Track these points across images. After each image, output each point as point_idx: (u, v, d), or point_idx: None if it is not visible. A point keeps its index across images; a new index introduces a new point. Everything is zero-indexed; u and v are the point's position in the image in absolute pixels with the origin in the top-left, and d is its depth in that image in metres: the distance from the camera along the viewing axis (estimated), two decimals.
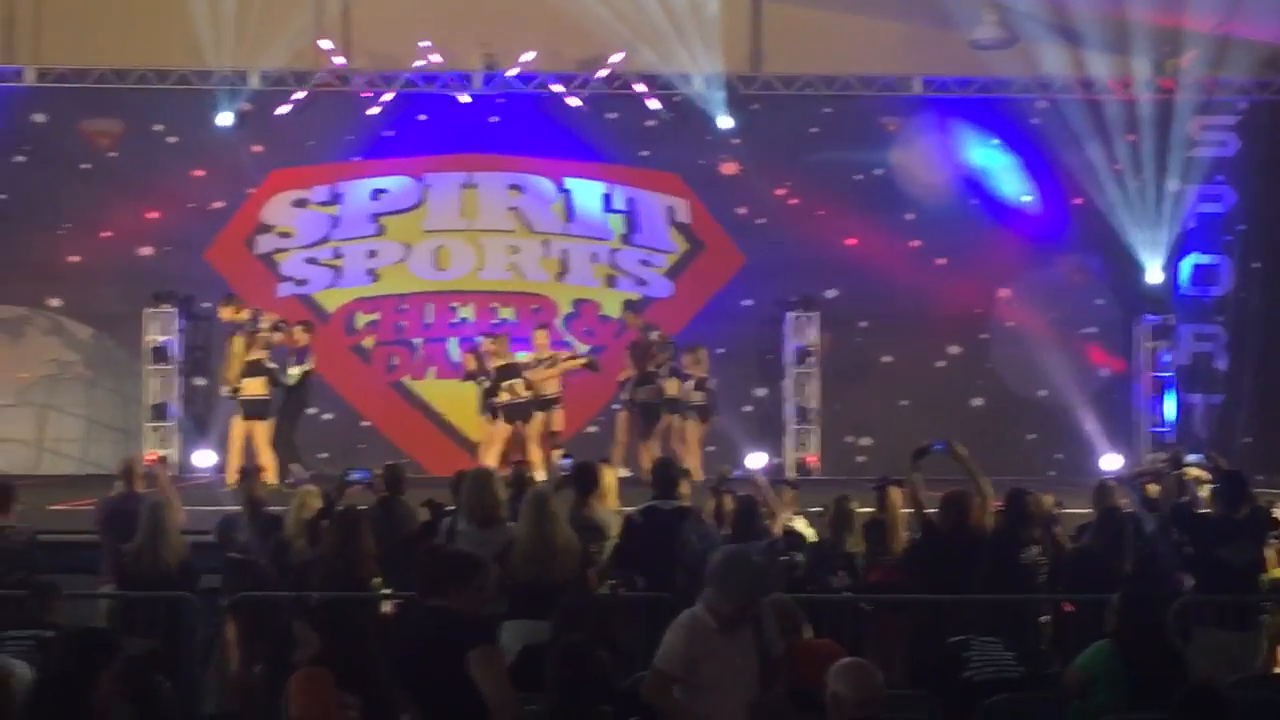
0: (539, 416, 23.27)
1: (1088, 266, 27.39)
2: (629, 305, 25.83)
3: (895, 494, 13.65)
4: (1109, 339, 27.40)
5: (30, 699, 7.10)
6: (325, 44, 26.85)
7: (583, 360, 24.49)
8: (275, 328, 22.69)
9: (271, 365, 22.30)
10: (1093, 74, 26.79)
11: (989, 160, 27.54)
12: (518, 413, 22.92)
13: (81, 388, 27.08)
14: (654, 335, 24.60)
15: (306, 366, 22.64)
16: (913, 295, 26.93)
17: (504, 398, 22.83)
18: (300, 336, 22.86)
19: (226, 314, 23.25)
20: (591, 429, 25.83)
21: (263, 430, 22.20)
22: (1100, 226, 26.95)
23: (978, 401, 27.17)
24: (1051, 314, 27.20)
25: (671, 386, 24.15)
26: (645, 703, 8.60)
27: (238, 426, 22.37)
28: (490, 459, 22.36)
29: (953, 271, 27.18)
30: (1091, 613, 11.71)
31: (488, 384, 23.27)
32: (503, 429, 22.93)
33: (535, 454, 22.52)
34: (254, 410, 22.17)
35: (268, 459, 21.55)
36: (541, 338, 24.06)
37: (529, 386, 23.01)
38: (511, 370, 22.99)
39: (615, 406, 24.87)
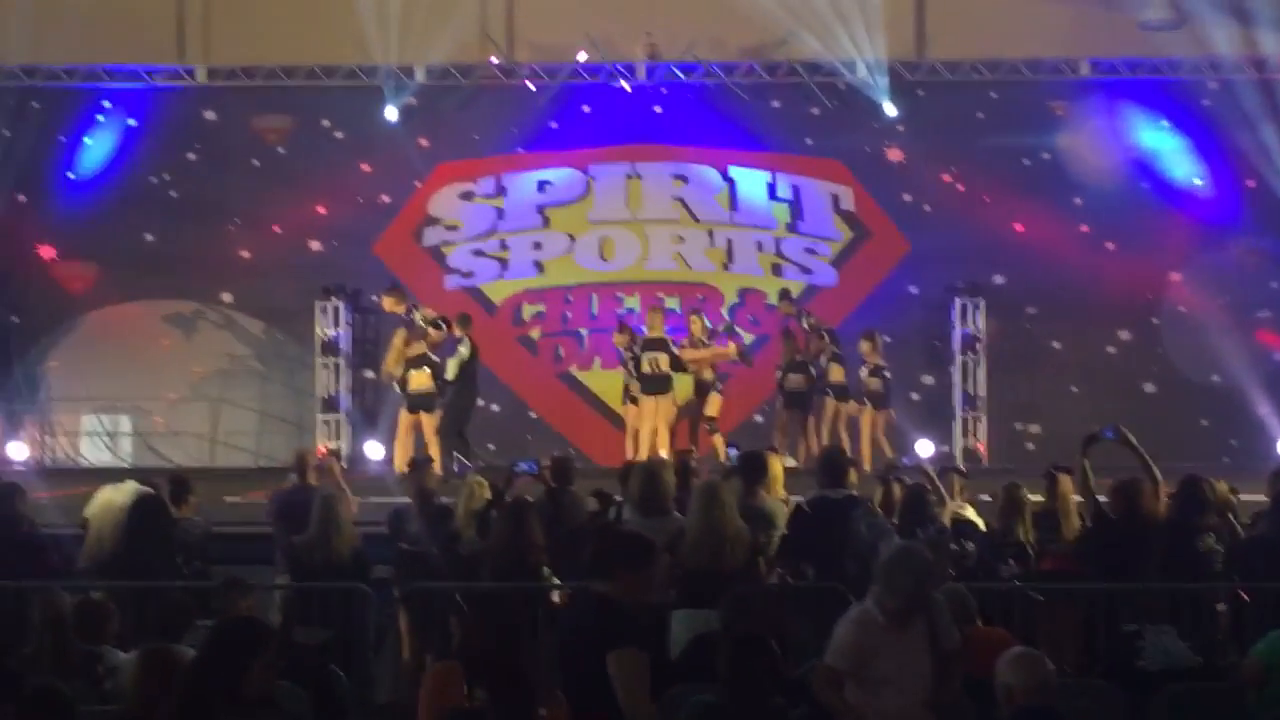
0: (692, 400, 23.25)
1: (1261, 249, 26.94)
2: (783, 294, 25.70)
3: (1066, 482, 13.50)
4: None
5: (185, 684, 7.19)
6: (490, 37, 26.97)
7: (732, 351, 24.31)
8: (434, 324, 22.63)
9: (435, 358, 22.31)
10: (1265, 53, 26.33)
11: (1159, 143, 27.17)
12: (656, 385, 22.67)
13: (254, 381, 27.45)
14: (806, 323, 24.48)
15: (461, 358, 22.56)
16: (1082, 280, 26.64)
17: (645, 368, 22.69)
18: (454, 329, 22.79)
19: (388, 304, 23.35)
20: (757, 418, 25.78)
21: (429, 422, 22.24)
22: (1273, 209, 26.49)
23: (1149, 387, 26.82)
24: (1224, 298, 26.78)
25: (835, 373, 24.06)
26: (815, 699, 8.56)
27: (405, 419, 22.45)
28: (645, 442, 22.36)
29: (1122, 256, 26.83)
30: (1269, 601, 11.54)
31: (632, 356, 23.13)
32: (647, 408, 22.75)
33: (663, 434, 22.42)
34: (419, 403, 22.18)
35: (435, 450, 21.63)
36: (696, 324, 23.91)
37: (674, 364, 22.83)
38: (659, 344, 22.82)
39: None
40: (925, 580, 8.49)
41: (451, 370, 22.40)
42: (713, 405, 23.43)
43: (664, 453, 21.06)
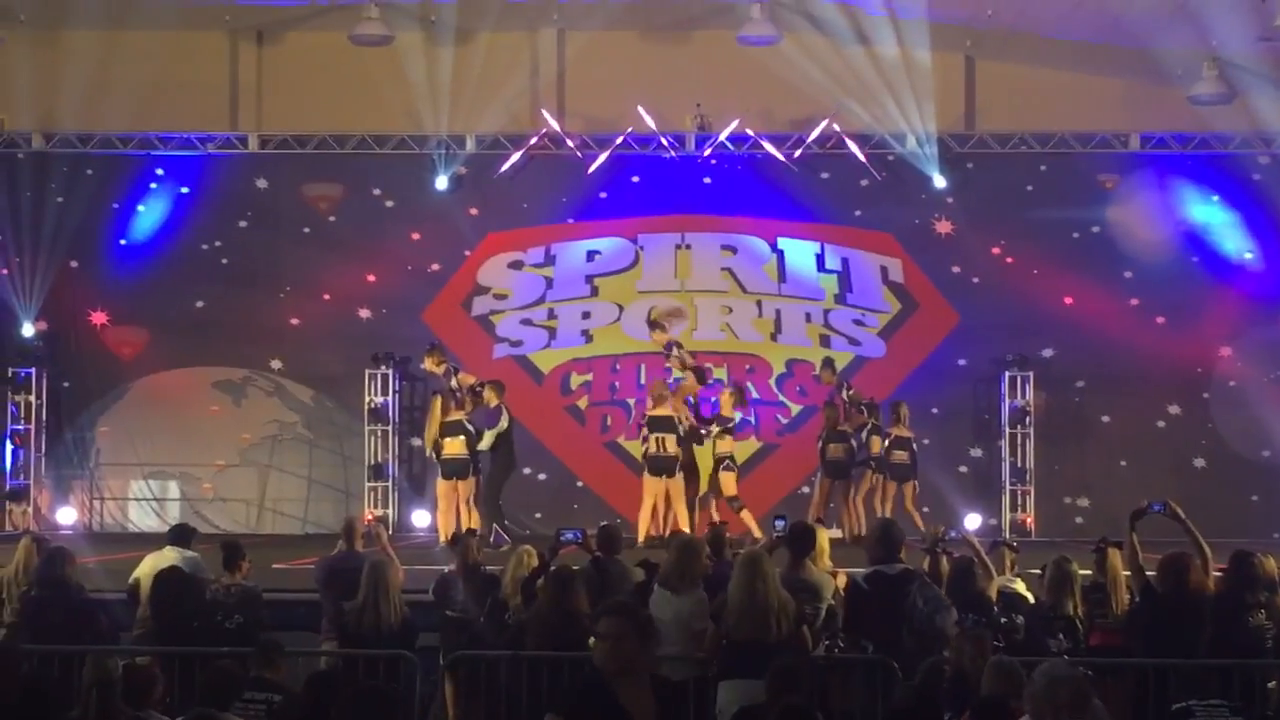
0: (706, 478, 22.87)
1: None
2: (826, 362, 25.62)
3: (1115, 556, 13.41)
4: None
5: None
6: (541, 108, 27.12)
7: (692, 382, 23.31)
8: (472, 391, 22.53)
9: (470, 427, 22.12)
10: None
11: (1209, 217, 27.13)
12: (661, 466, 22.11)
13: (302, 448, 27.52)
14: (845, 394, 24.35)
15: (500, 428, 22.39)
16: (1131, 354, 26.59)
17: (651, 448, 22.25)
18: (490, 397, 22.42)
19: (429, 364, 23.19)
20: (804, 489, 25.72)
21: (465, 489, 22.08)
22: None
23: (1200, 462, 26.69)
24: (1275, 373, 26.70)
25: (875, 445, 23.97)
26: None
27: (442, 487, 22.27)
28: (644, 519, 22.12)
29: (1173, 330, 26.77)
30: None
31: (645, 433, 22.65)
32: (652, 488, 22.25)
33: (681, 513, 21.91)
34: (453, 470, 21.95)
35: (472, 519, 21.49)
36: (726, 401, 23.20)
37: (681, 441, 22.23)
38: (665, 423, 22.29)
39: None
40: (1085, 696, 8.23)
41: (488, 441, 22.20)
42: (728, 484, 22.75)
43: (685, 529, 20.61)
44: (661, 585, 11.96)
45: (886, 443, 24.02)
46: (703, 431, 22.63)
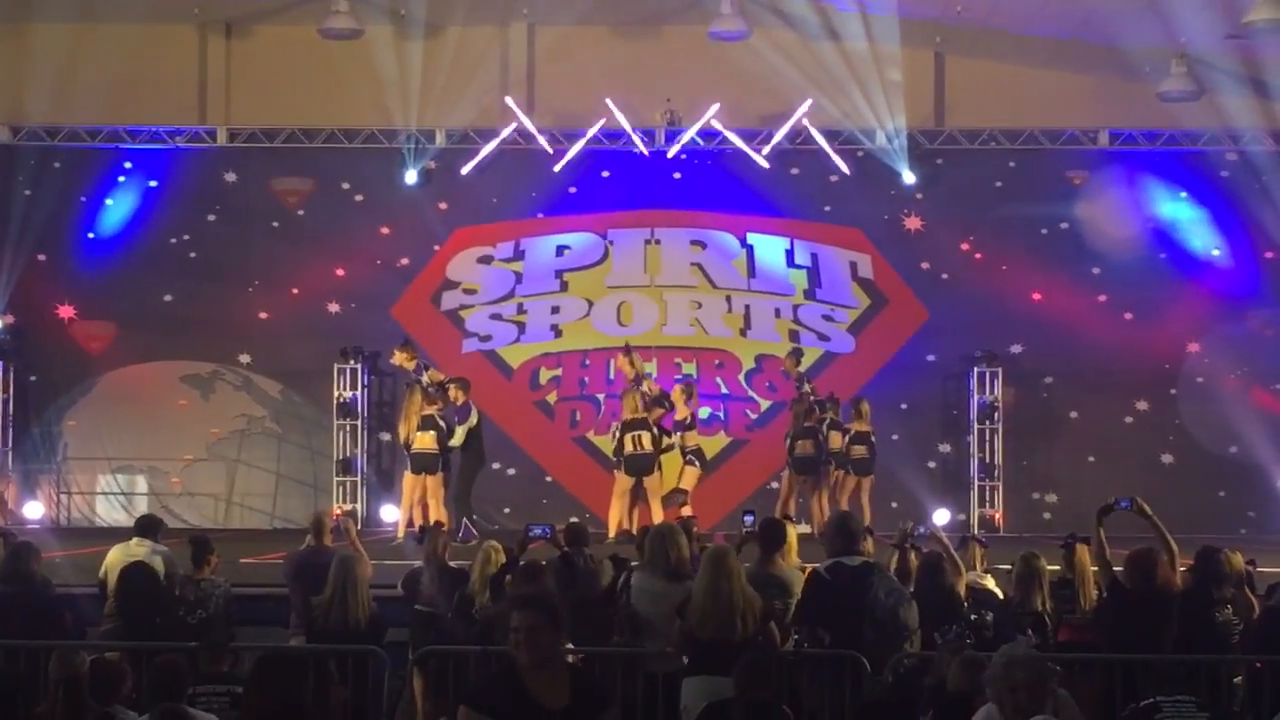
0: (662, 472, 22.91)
1: (1279, 320, 26.93)
2: (793, 352, 25.62)
3: (1083, 552, 13.43)
4: None
5: None
6: (510, 102, 27.09)
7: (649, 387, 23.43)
8: (441, 386, 22.59)
9: (442, 422, 22.23)
10: None
11: (1177, 213, 27.22)
12: (640, 465, 22.34)
13: (270, 443, 27.47)
14: (806, 388, 24.34)
15: (470, 424, 22.51)
16: (1099, 350, 26.68)
17: (628, 448, 22.45)
18: (456, 395, 22.55)
19: (399, 359, 23.22)
20: (773, 485, 25.73)
21: (434, 484, 22.15)
22: None
23: (1167, 458, 26.78)
24: (1242, 369, 26.81)
25: (835, 440, 24.00)
26: None
27: (409, 481, 22.38)
28: (614, 514, 22.23)
29: (1140, 326, 26.86)
30: None
31: (617, 433, 22.77)
32: (623, 482, 22.48)
33: (656, 509, 22.01)
34: (422, 464, 22.08)
35: (440, 513, 21.55)
36: (679, 400, 23.34)
37: (655, 441, 22.46)
38: (640, 424, 22.37)
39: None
40: (1042, 677, 8.24)
41: (459, 437, 22.31)
42: (689, 479, 22.98)
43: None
44: (651, 575, 11.93)
45: (846, 438, 24.05)
46: (669, 442, 22.72)
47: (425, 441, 22.03)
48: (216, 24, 27.86)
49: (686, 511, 21.91)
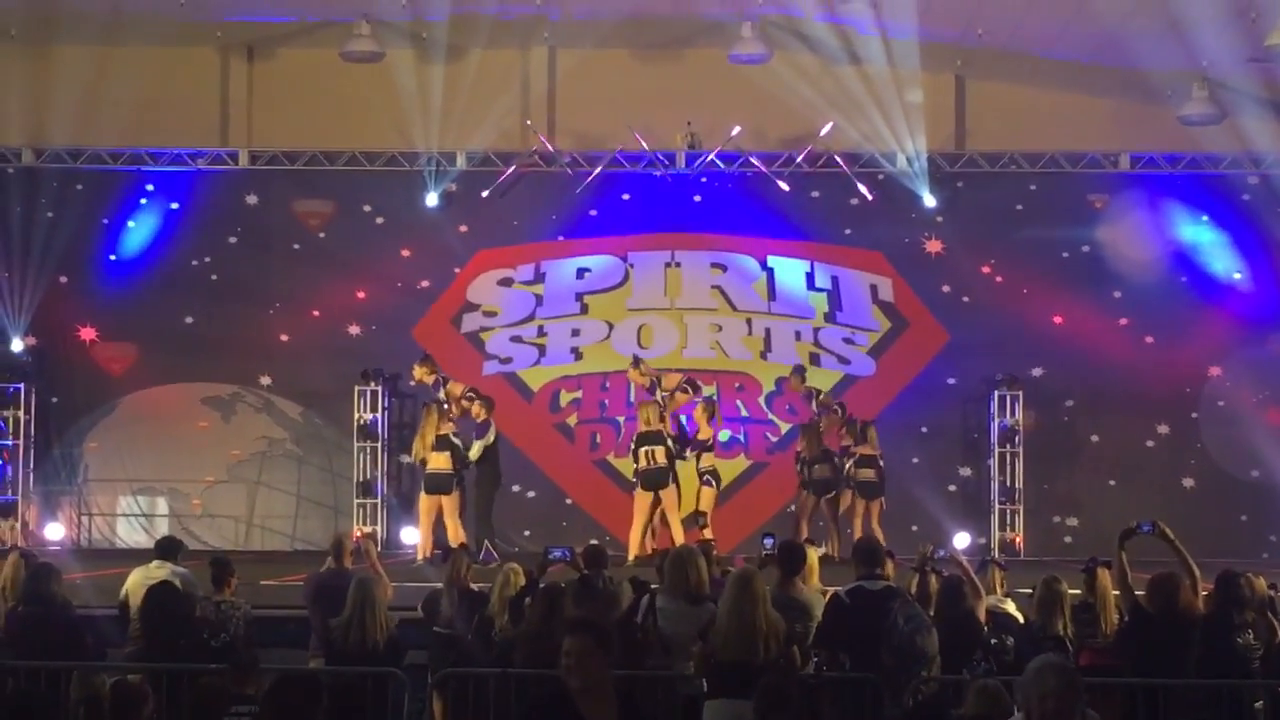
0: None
1: None
2: (796, 369, 25.56)
3: (1105, 576, 13.39)
4: None
5: None
6: (531, 125, 27.14)
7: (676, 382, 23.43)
8: (465, 396, 22.75)
9: (456, 440, 22.30)
10: None
11: (1199, 237, 27.19)
12: (652, 479, 22.16)
13: (291, 465, 27.48)
14: (816, 403, 24.25)
15: (487, 441, 22.55)
16: (1121, 374, 26.63)
17: (641, 462, 22.32)
18: (479, 411, 22.67)
19: (419, 374, 23.28)
20: (793, 508, 25.68)
21: (449, 504, 22.18)
22: None
23: (1188, 482, 26.72)
24: (1264, 393, 26.74)
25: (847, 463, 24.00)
26: None
27: (424, 502, 22.42)
28: (635, 535, 22.19)
29: (1162, 350, 26.82)
30: None
31: (634, 449, 22.65)
32: (641, 499, 22.33)
33: (675, 525, 21.97)
34: (436, 484, 22.14)
35: (459, 535, 21.58)
36: (701, 417, 23.08)
37: (670, 455, 22.23)
38: (654, 437, 22.25)
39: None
40: (1074, 686, 8.16)
41: (476, 451, 22.34)
42: (706, 500, 22.71)
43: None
44: (672, 598, 11.94)
45: (851, 462, 23.95)
46: (685, 456, 22.64)
47: (439, 462, 22.11)
48: (238, 47, 27.92)
49: (707, 534, 21.90)
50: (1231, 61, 24.89)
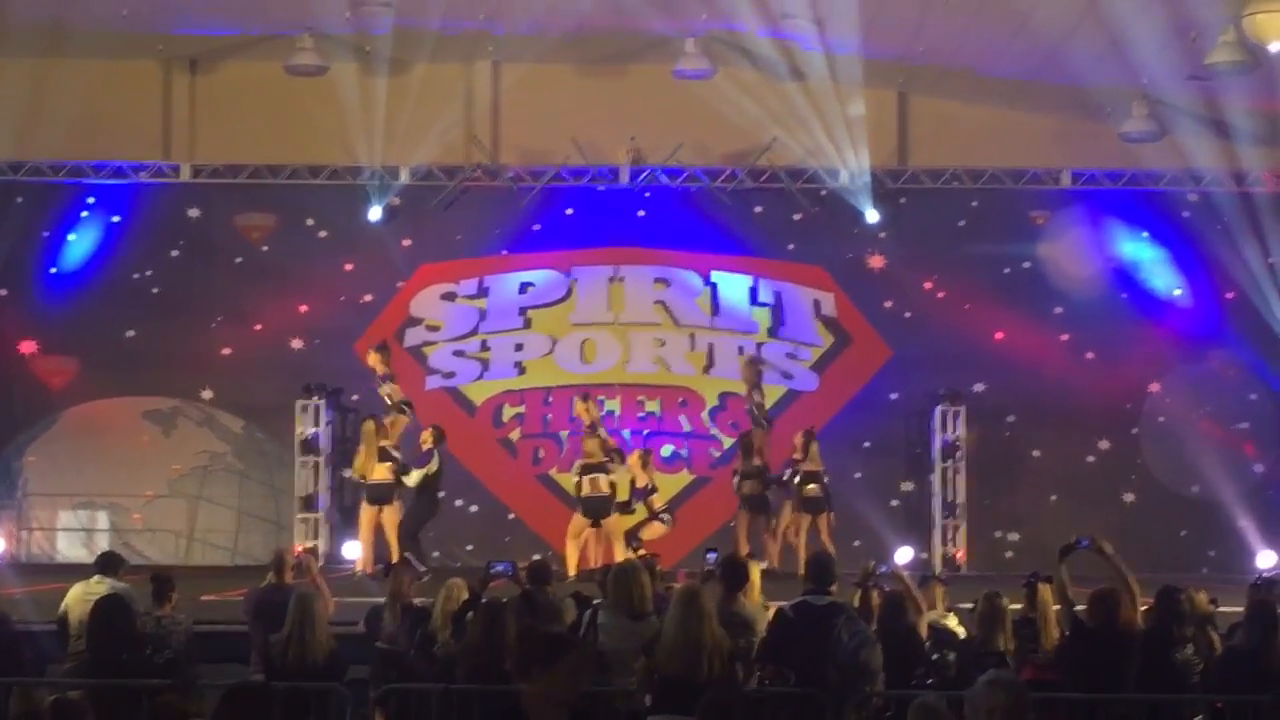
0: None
1: (1240, 360, 27.04)
2: (749, 362, 25.56)
3: (1046, 591, 13.44)
4: (1262, 434, 27.00)
5: None
6: (474, 140, 27.12)
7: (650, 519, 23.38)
8: (400, 407, 22.88)
9: (396, 454, 22.43)
10: (1244, 166, 26.55)
11: (1139, 253, 27.36)
12: (595, 508, 22.48)
13: (232, 479, 27.38)
14: (755, 404, 24.36)
15: (428, 470, 22.59)
16: (1062, 389, 26.75)
17: (585, 490, 22.58)
18: (425, 439, 22.92)
19: (372, 359, 23.46)
20: (734, 524, 25.72)
21: (390, 515, 22.31)
22: (1253, 320, 26.67)
23: (1129, 497, 26.86)
24: (1204, 409, 26.91)
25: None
26: None
27: (366, 513, 22.59)
28: (571, 553, 22.29)
29: (1102, 365, 26.96)
30: (1245, 714, 11.49)
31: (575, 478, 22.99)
32: (579, 523, 22.60)
33: (619, 549, 22.01)
34: (377, 495, 22.37)
35: (396, 547, 21.68)
36: (635, 466, 23.25)
37: (613, 486, 22.57)
38: (598, 467, 22.55)
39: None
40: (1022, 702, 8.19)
41: (415, 479, 22.42)
42: (652, 530, 23.05)
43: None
44: (615, 614, 11.92)
45: (797, 477, 24.00)
46: (633, 508, 22.84)
47: (381, 473, 22.26)
48: (181, 60, 27.83)
49: (645, 550, 21.97)
50: (1171, 79, 25.04)
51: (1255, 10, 19.03)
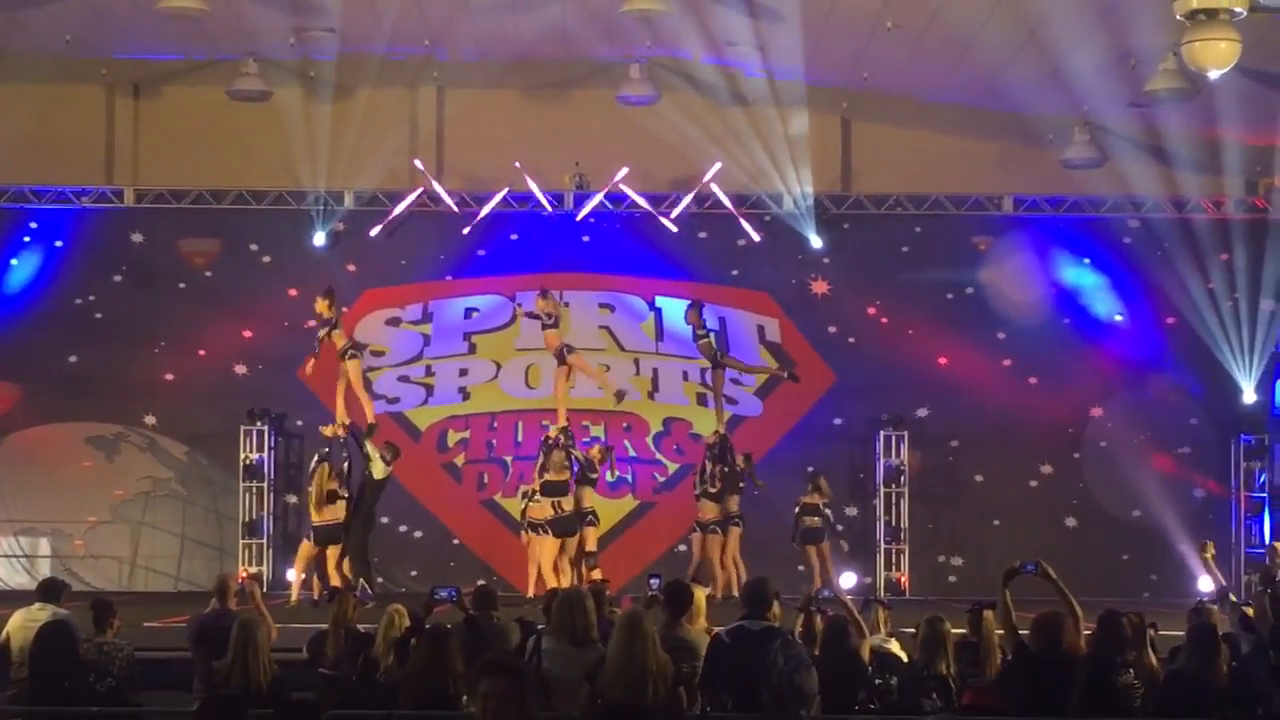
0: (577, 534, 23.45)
1: (1181, 385, 27.21)
2: (693, 305, 25.62)
3: (990, 618, 13.50)
4: (1203, 459, 27.17)
5: None
6: (418, 165, 27.11)
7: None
8: (348, 352, 23.79)
9: (344, 495, 22.74)
10: (1185, 193, 26.78)
11: (1080, 279, 27.51)
12: (564, 527, 23.10)
13: (175, 505, 27.28)
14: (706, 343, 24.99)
15: (376, 473, 23.06)
16: (1004, 414, 26.88)
17: (549, 513, 22.97)
18: (386, 454, 23.44)
19: (320, 306, 23.81)
20: (681, 548, 25.76)
21: (332, 553, 22.58)
22: (1194, 346, 26.86)
23: (1071, 521, 26.99)
24: (1145, 434, 27.06)
25: (732, 504, 24.24)
26: None
27: (306, 549, 22.73)
28: (548, 575, 22.50)
29: (1045, 390, 27.09)
30: None
31: (531, 499, 23.47)
32: (549, 544, 23.05)
33: (566, 570, 22.79)
34: (327, 536, 22.67)
35: (338, 581, 21.75)
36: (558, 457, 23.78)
37: (578, 503, 23.23)
38: (559, 486, 23.10)
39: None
40: None
41: (380, 470, 22.91)
42: (589, 539, 23.68)
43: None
44: (558, 640, 11.91)
45: (797, 509, 24.27)
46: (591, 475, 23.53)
47: (329, 514, 22.39)
48: (124, 85, 27.72)
49: (597, 575, 22.05)
50: (1112, 106, 25.22)
51: (1195, 38, 19.15)
